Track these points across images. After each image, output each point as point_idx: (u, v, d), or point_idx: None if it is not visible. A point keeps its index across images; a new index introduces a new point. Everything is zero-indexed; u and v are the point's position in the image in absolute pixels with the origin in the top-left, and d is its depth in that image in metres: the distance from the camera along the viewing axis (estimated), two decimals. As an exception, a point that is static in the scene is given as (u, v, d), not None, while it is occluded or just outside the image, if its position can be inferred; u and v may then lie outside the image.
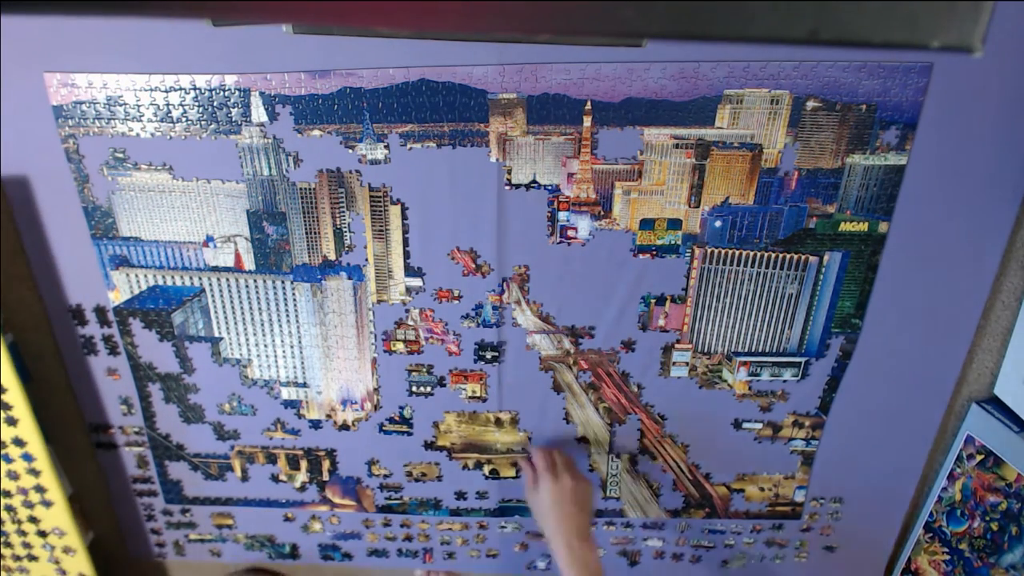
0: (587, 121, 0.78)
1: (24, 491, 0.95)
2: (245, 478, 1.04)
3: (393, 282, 0.88)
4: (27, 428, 0.90)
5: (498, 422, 0.96)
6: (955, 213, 0.81)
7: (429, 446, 0.99)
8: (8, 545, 1.00)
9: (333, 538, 1.10)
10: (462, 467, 1.00)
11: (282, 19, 0.27)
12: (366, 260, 0.87)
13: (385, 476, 1.02)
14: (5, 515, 0.97)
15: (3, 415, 0.88)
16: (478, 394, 0.95)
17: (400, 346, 0.92)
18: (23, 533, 0.99)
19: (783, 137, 0.79)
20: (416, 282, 0.88)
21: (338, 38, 0.74)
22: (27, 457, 0.92)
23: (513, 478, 1.01)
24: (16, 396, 0.87)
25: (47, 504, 0.96)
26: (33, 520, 0.97)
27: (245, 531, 1.09)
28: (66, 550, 1.01)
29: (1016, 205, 0.80)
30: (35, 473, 0.94)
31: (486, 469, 1.00)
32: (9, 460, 0.92)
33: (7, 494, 0.95)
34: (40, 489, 0.95)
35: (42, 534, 0.99)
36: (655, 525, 1.06)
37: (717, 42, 0.25)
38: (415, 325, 0.90)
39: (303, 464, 1.02)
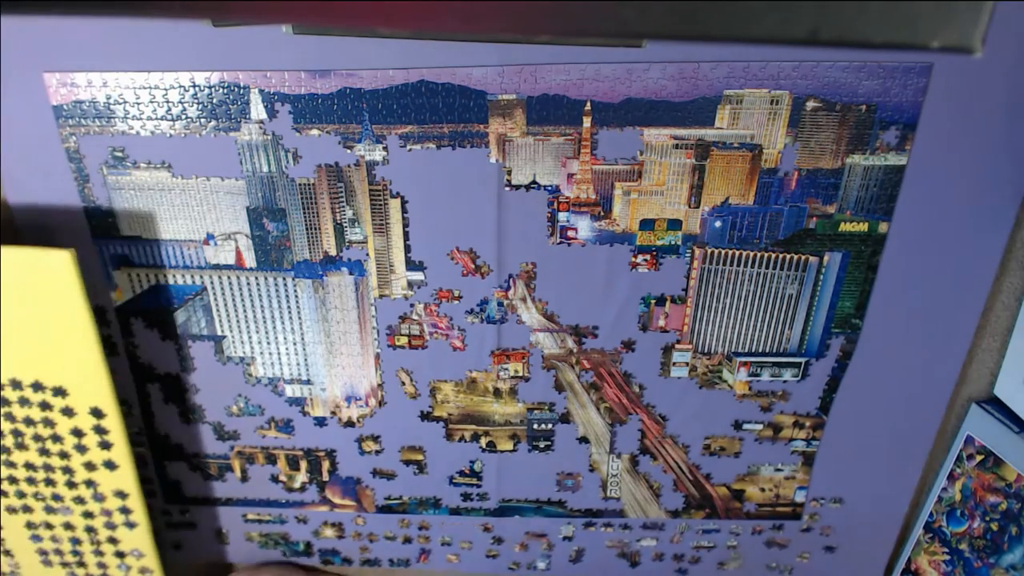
0: (587, 122, 0.78)
1: (108, 512, 0.94)
2: (245, 478, 1.04)
3: (395, 276, 0.88)
4: (120, 452, 0.89)
5: (497, 393, 0.96)
6: (955, 213, 0.81)
7: (426, 416, 0.98)
8: (82, 565, 1.00)
9: (333, 540, 1.10)
10: (459, 439, 1.00)
11: (282, 19, 0.27)
12: (367, 255, 0.87)
13: (377, 452, 1.02)
14: (84, 535, 0.97)
15: (98, 439, 0.88)
16: (521, 373, 0.95)
17: (404, 340, 0.92)
18: (100, 553, 0.98)
19: (783, 137, 0.79)
20: (418, 276, 0.88)
21: (338, 38, 0.74)
22: (110, 465, 0.92)
23: (511, 451, 1.01)
24: (114, 421, 0.87)
25: (131, 526, 0.95)
26: (112, 541, 0.97)
27: (258, 530, 1.09)
28: (143, 571, 1.00)
29: (1016, 205, 0.80)
30: (122, 495, 0.93)
31: (483, 441, 1.00)
32: (95, 483, 0.92)
33: (90, 515, 0.94)
34: (125, 511, 0.94)
35: (120, 555, 0.98)
36: (655, 526, 1.06)
37: (717, 42, 0.25)
38: (419, 320, 0.90)
39: (303, 464, 1.02)
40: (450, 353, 0.93)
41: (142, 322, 0.92)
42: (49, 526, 0.96)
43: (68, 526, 0.95)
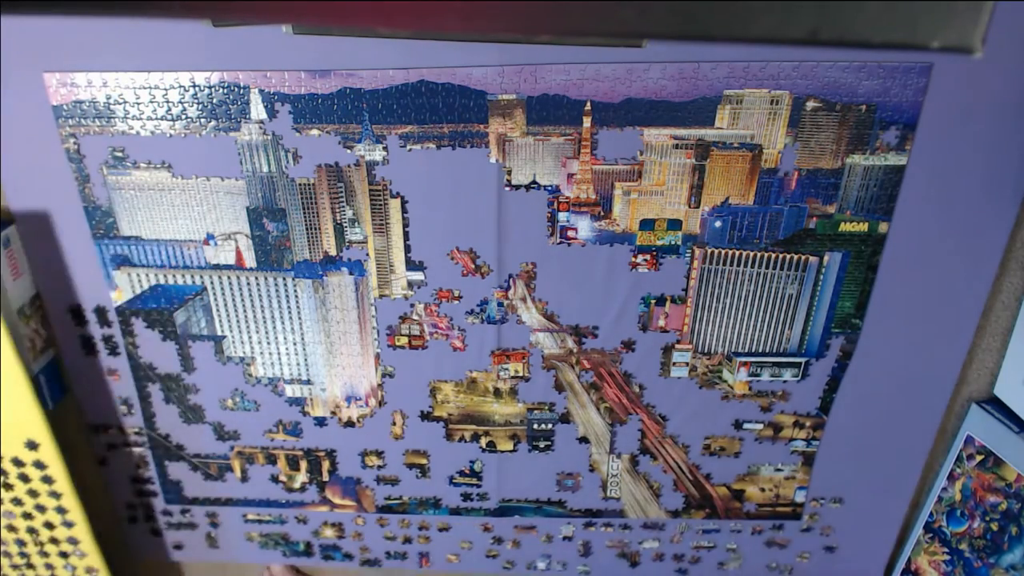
0: (587, 122, 0.78)
1: (42, 509, 0.94)
2: (245, 479, 1.04)
3: (395, 276, 0.88)
4: (48, 452, 0.89)
5: (497, 393, 0.96)
6: (955, 213, 0.81)
7: (426, 416, 0.98)
8: (31, 567, 1.00)
9: (334, 539, 1.10)
10: (459, 439, 1.00)
11: (282, 19, 0.27)
12: (367, 255, 0.87)
13: (379, 467, 1.02)
14: (27, 537, 0.97)
15: (24, 438, 0.88)
16: (521, 374, 0.95)
17: (404, 340, 0.92)
18: (45, 554, 0.98)
19: (783, 137, 0.79)
20: (418, 276, 0.88)
21: (338, 38, 0.74)
22: (47, 480, 0.92)
23: (511, 451, 1.01)
24: (37, 420, 0.87)
25: (68, 525, 0.95)
26: (54, 541, 0.97)
27: (258, 530, 1.09)
28: (88, 571, 1.00)
29: (1016, 205, 0.80)
30: (56, 496, 0.93)
31: (483, 441, 1.00)
32: (28, 480, 0.92)
33: (28, 516, 0.94)
34: (61, 511, 0.94)
35: (64, 555, 0.98)
36: (655, 526, 1.06)
37: (717, 42, 0.25)
38: (420, 320, 0.90)
39: (303, 464, 1.02)
40: (450, 353, 0.93)
41: (142, 322, 0.92)
42: None
43: (11, 528, 0.95)
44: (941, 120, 0.76)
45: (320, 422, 0.99)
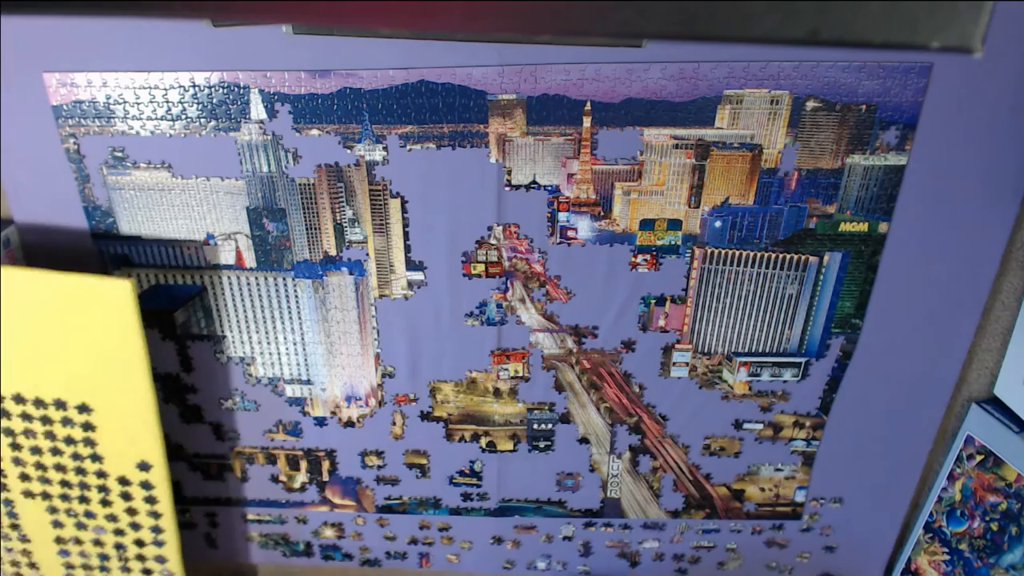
0: (587, 122, 0.78)
1: (137, 526, 0.93)
2: (244, 479, 1.04)
3: (395, 276, 0.88)
4: (158, 474, 0.89)
5: (497, 393, 0.96)
6: (955, 213, 0.81)
7: (426, 416, 0.98)
8: None
9: (334, 539, 1.10)
10: (459, 439, 1.00)
11: (282, 19, 0.27)
12: (367, 255, 0.87)
13: (379, 467, 1.02)
14: (112, 552, 0.96)
15: (138, 459, 0.88)
16: (521, 374, 0.95)
17: (480, 268, 0.87)
18: (127, 571, 0.98)
19: (783, 137, 0.79)
20: (418, 276, 0.88)
21: (338, 38, 0.74)
22: (151, 500, 0.91)
23: (511, 451, 1.01)
24: (155, 449, 0.87)
25: (159, 544, 0.95)
26: (140, 559, 0.96)
27: (258, 530, 1.09)
28: None
29: (1016, 205, 0.80)
30: (156, 516, 0.92)
31: (483, 441, 1.00)
32: (129, 499, 0.91)
33: (120, 532, 0.94)
34: (157, 530, 0.94)
35: (147, 572, 0.98)
36: (655, 526, 1.06)
37: (717, 42, 0.25)
38: (498, 244, 0.86)
39: (303, 464, 1.02)
40: (450, 353, 0.93)
41: (142, 322, 0.91)
42: (78, 541, 0.96)
43: (97, 542, 0.95)
44: (941, 120, 0.76)
45: (320, 422, 0.99)
